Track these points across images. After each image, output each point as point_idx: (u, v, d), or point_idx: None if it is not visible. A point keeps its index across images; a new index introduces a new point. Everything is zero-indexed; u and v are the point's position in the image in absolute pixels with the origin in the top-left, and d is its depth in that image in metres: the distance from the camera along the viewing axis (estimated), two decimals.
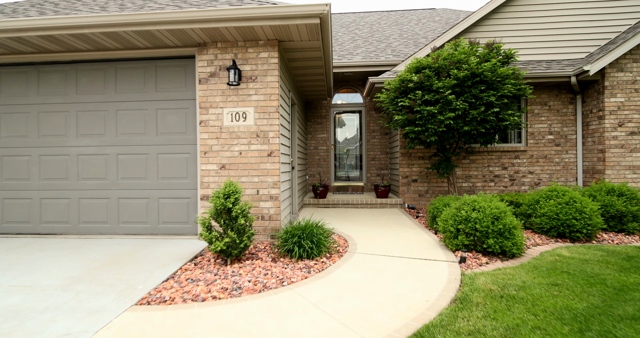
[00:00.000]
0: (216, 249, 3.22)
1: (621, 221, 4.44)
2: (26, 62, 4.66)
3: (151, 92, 4.54)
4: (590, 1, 6.76)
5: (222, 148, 4.22)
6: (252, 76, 4.19)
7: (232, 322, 2.21)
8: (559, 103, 6.78)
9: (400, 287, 2.76)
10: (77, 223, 4.61)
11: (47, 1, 5.49)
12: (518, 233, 3.50)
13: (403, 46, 8.71)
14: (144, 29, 3.84)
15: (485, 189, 6.83)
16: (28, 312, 2.37)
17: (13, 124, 4.70)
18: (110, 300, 2.56)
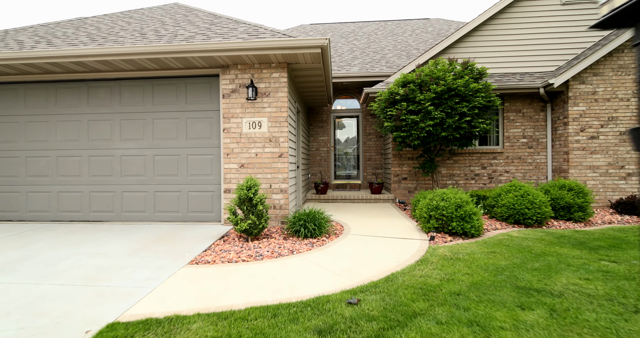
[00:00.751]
0: (241, 228, 4.18)
1: (569, 211, 5.38)
2: (78, 79, 5.64)
3: (182, 104, 5.51)
4: (559, 21, 7.68)
5: (242, 150, 5.19)
6: (265, 92, 5.16)
7: (259, 272, 3.18)
8: (532, 110, 7.71)
9: (380, 255, 3.72)
10: (120, 212, 5.60)
11: (90, 24, 6.50)
12: (476, 218, 4.45)
13: (396, 57, 9.66)
14: (181, 56, 4.81)
15: (466, 187, 7.77)
16: (113, 268, 3.34)
17: (67, 131, 5.69)
18: (169, 262, 3.53)
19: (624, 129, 6.91)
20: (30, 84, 5.73)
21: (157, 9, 7.91)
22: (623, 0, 0.83)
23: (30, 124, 5.72)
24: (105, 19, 7.20)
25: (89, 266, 3.43)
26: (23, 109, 5.74)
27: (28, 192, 5.72)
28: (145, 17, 7.05)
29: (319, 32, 12.82)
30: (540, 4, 7.70)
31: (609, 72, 6.93)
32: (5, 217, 5.74)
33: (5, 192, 5.74)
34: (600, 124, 6.95)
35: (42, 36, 5.99)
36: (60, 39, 5.66)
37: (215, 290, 2.80)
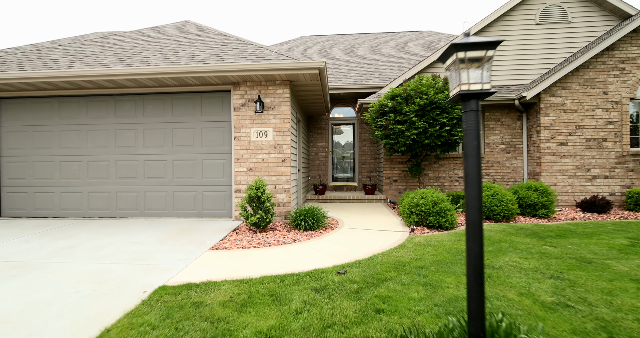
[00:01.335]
0: (251, 222, 4.98)
1: (534, 209, 6.19)
2: (107, 93, 6.46)
3: (198, 115, 6.33)
4: (534, 39, 8.53)
5: (250, 156, 6.00)
6: (271, 106, 5.98)
7: (267, 255, 3.98)
8: (509, 119, 8.54)
9: (367, 243, 4.51)
10: (143, 210, 6.39)
11: (113, 43, 7.33)
12: (450, 213, 5.25)
13: (389, 69, 10.52)
14: (199, 75, 5.63)
15: (451, 188, 8.57)
16: (149, 252, 4.13)
17: (96, 138, 6.50)
18: (194, 248, 4.32)
19: (589, 137, 7.73)
20: (65, 98, 6.54)
21: (171, 28, 8.76)
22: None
23: (64, 133, 6.53)
24: (126, 37, 8.04)
25: (128, 251, 4.22)
26: (58, 119, 6.55)
27: (62, 192, 6.51)
28: (162, 37, 7.89)
29: (318, 44, 13.69)
30: (517, 24, 8.56)
31: (575, 85, 7.77)
32: (42, 214, 6.53)
33: (41, 192, 6.53)
34: (569, 132, 7.77)
35: (74, 55, 6.82)
36: (91, 59, 6.49)
37: (234, 266, 3.60)
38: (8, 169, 6.61)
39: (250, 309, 2.54)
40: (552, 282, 2.98)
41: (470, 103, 1.51)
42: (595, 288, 2.84)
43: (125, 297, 2.85)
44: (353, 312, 2.47)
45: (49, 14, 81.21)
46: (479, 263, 1.55)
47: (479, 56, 1.46)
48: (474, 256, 1.55)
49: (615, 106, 7.68)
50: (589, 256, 3.75)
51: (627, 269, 3.31)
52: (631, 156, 7.62)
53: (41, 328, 2.33)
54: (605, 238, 4.55)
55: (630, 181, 7.62)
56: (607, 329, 2.18)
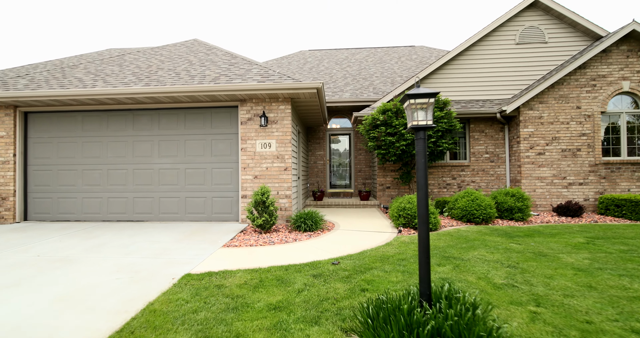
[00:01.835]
0: (257, 223, 5.63)
1: (511, 212, 6.86)
2: (125, 109, 7.16)
3: (208, 128, 7.02)
4: (514, 57, 9.32)
5: (255, 165, 6.68)
6: (274, 120, 6.69)
7: (273, 250, 4.63)
8: (493, 131, 9.28)
9: (359, 242, 5.17)
10: (158, 213, 7.04)
11: (129, 61, 8.06)
12: (434, 216, 5.91)
13: (382, 84, 11.29)
14: (210, 94, 6.35)
15: (440, 194, 9.25)
16: (169, 249, 4.77)
17: (116, 149, 7.18)
18: (207, 246, 4.97)
19: (565, 147, 8.45)
20: (88, 112, 7.24)
21: (181, 47, 9.52)
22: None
23: (87, 144, 7.21)
24: (140, 56, 8.79)
25: (150, 248, 4.87)
26: (81, 131, 7.24)
27: (83, 198, 7.16)
28: (173, 56, 8.64)
29: (317, 58, 14.50)
30: (498, 43, 9.36)
31: (552, 100, 8.52)
32: (65, 218, 7.17)
33: (65, 198, 7.18)
34: (546, 142, 8.49)
35: (95, 74, 7.54)
36: (112, 77, 7.21)
37: (245, 259, 4.25)
38: (35, 177, 7.27)
39: (261, 289, 3.19)
40: (507, 270, 3.65)
41: (419, 133, 2.19)
42: (540, 274, 3.50)
43: (158, 282, 3.49)
44: (343, 290, 3.12)
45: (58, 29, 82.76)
46: (426, 243, 2.21)
47: (424, 101, 2.14)
48: (423, 238, 2.21)
49: (587, 119, 8.42)
50: (545, 251, 4.42)
51: (573, 261, 3.98)
52: (603, 165, 8.32)
53: (98, 302, 2.97)
54: (566, 238, 5.22)
55: (603, 188, 8.32)
56: (537, 300, 2.84)
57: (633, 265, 3.81)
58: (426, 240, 2.20)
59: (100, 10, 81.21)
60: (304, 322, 2.54)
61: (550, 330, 2.35)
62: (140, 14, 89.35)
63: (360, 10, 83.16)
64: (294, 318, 2.60)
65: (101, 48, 51.13)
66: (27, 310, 2.85)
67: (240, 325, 2.52)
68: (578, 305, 2.76)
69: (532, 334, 2.29)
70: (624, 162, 8.27)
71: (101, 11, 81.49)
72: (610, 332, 2.31)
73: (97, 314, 2.77)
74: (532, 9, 9.27)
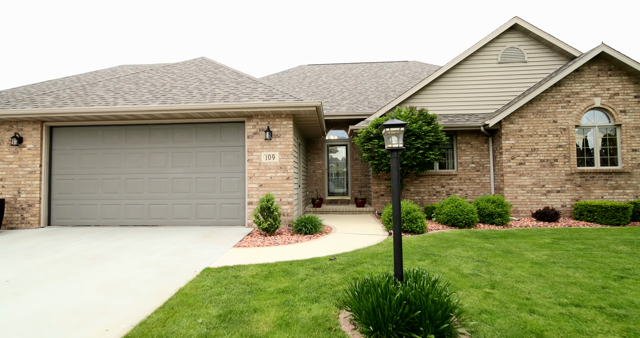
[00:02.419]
0: (263, 227, 6.32)
1: (492, 217, 7.58)
2: (142, 123, 7.90)
3: (217, 141, 7.76)
4: (497, 75, 10.16)
5: (260, 174, 7.40)
6: (277, 134, 7.43)
7: (278, 250, 5.32)
8: (478, 142, 10.05)
9: (353, 242, 5.86)
10: (171, 219, 7.71)
11: (144, 80, 8.84)
12: (420, 220, 6.61)
13: (377, 98, 12.11)
14: (220, 111, 7.10)
15: (430, 201, 9.96)
16: (186, 249, 5.45)
17: (133, 160, 7.89)
18: (219, 246, 5.65)
19: (543, 158, 9.22)
20: (107, 126, 7.98)
21: (190, 65, 10.33)
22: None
23: (106, 155, 7.93)
24: (154, 74, 9.58)
25: (170, 248, 5.54)
26: (101, 144, 7.97)
27: (103, 204, 7.84)
28: (184, 74, 9.44)
29: (315, 73, 15.37)
30: (482, 62, 10.21)
31: (530, 115, 9.33)
32: (85, 223, 7.83)
33: (86, 204, 7.86)
34: (526, 153, 9.27)
35: (115, 91, 8.31)
36: (131, 95, 7.98)
37: (254, 256, 4.94)
38: (58, 186, 7.96)
39: (271, 278, 3.88)
40: (475, 263, 4.35)
41: (393, 153, 2.92)
42: (502, 267, 4.21)
43: (183, 274, 4.18)
44: (338, 279, 3.82)
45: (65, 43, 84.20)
46: (399, 235, 2.91)
47: (396, 130, 2.88)
48: (397, 231, 2.92)
49: (563, 132, 9.21)
50: (513, 249, 5.13)
51: (534, 256, 4.69)
52: (578, 174, 9.09)
53: (137, 289, 3.65)
54: (535, 239, 5.93)
55: (578, 195, 9.06)
56: (493, 285, 3.54)
57: (582, 259, 4.52)
58: (399, 233, 2.91)
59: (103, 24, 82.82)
60: (306, 300, 3.23)
61: (496, 303, 3.05)
62: (143, 28, 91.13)
63: (357, 24, 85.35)
64: (299, 298, 3.28)
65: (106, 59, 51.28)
66: (81, 295, 3.52)
67: (256, 303, 3.20)
68: (524, 288, 3.46)
69: (482, 306, 2.99)
70: (597, 171, 9.04)
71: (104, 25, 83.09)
72: (541, 305, 3.01)
73: (139, 297, 3.45)
74: (513, 32, 10.16)
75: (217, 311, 3.04)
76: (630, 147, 9.02)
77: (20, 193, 7.72)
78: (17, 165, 7.76)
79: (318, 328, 2.68)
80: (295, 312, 2.97)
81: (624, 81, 9.16)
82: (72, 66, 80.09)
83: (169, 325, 2.78)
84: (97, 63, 79.86)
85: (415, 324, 2.42)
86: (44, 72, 77.06)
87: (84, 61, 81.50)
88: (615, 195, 8.99)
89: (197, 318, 2.89)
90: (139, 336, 2.62)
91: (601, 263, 4.36)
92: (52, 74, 76.51)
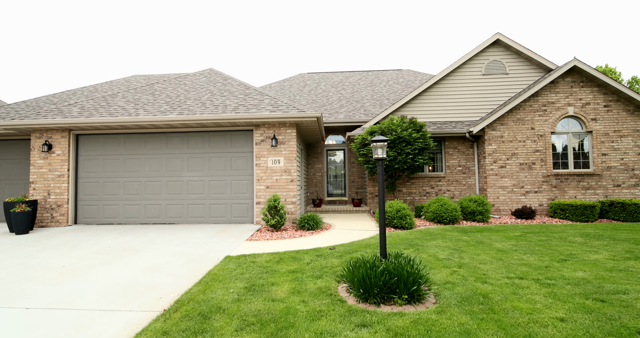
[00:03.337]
0: (270, 224, 7.21)
1: (474, 215, 8.49)
2: (160, 132, 8.78)
3: (228, 147, 8.65)
4: (481, 85, 11.11)
5: (267, 177, 8.29)
6: (282, 141, 8.33)
7: (284, 243, 6.21)
8: (464, 147, 10.99)
9: (350, 236, 6.76)
10: (187, 217, 8.59)
11: (159, 91, 9.73)
12: (409, 217, 7.52)
13: (372, 106, 13.04)
14: (232, 121, 8.00)
15: (420, 201, 10.87)
16: (205, 243, 6.33)
17: (152, 164, 8.76)
18: (234, 240, 6.53)
19: (522, 161, 10.16)
20: (128, 134, 8.85)
21: (200, 76, 11.23)
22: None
23: (127, 160, 8.80)
24: (167, 85, 10.47)
25: (191, 242, 6.42)
26: (123, 150, 8.84)
27: (124, 205, 8.70)
28: (195, 85, 10.33)
29: (315, 81, 16.30)
30: (468, 74, 11.16)
31: (511, 122, 10.27)
32: (109, 221, 8.69)
33: (110, 205, 8.72)
34: (507, 157, 10.20)
35: (134, 102, 9.19)
36: (149, 106, 8.86)
37: (265, 247, 5.83)
38: (84, 188, 8.82)
39: (282, 263, 4.77)
40: (450, 251, 5.26)
41: (379, 162, 3.83)
42: (472, 253, 5.12)
43: (209, 260, 5.06)
44: (337, 263, 4.71)
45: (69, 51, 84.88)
46: (384, 224, 3.81)
47: (381, 144, 3.78)
48: (382, 221, 3.81)
49: (540, 138, 10.16)
50: (485, 241, 6.04)
51: (500, 246, 5.60)
52: (554, 176, 10.03)
53: (174, 271, 4.53)
54: (507, 233, 6.85)
55: (554, 195, 10.00)
56: (460, 266, 4.45)
57: (540, 248, 5.44)
58: (383, 222, 3.81)
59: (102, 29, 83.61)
60: (312, 277, 4.12)
61: (459, 277, 3.96)
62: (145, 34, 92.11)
63: (354, 31, 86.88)
64: (306, 276, 4.18)
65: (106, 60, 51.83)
66: (130, 276, 4.40)
67: (272, 279, 4.09)
68: (484, 267, 4.37)
69: (448, 279, 3.89)
70: (571, 174, 9.99)
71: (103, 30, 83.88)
72: (493, 278, 3.92)
73: (178, 277, 4.33)
74: (495, 46, 11.13)
75: (243, 284, 3.92)
76: (600, 151, 9.98)
77: (50, 194, 8.58)
78: (47, 169, 8.62)
79: (322, 294, 3.57)
80: (304, 285, 3.87)
81: (594, 91, 10.13)
82: (76, 70, 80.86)
83: (208, 294, 3.66)
84: (97, 64, 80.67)
85: (394, 288, 3.32)
86: (45, 73, 77.77)
87: (85, 63, 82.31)
88: (587, 195, 9.94)
89: (228, 289, 3.78)
90: (187, 300, 3.50)
91: (554, 250, 5.28)
92: (56, 78, 77.18)
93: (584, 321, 2.83)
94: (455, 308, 3.13)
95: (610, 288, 3.57)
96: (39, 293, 3.78)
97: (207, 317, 3.07)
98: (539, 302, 3.23)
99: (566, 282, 3.79)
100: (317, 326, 2.83)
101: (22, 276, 4.42)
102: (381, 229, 3.82)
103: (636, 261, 4.61)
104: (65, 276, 4.39)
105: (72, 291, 3.80)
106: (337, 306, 3.23)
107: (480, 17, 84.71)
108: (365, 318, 2.94)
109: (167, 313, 3.17)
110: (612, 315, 2.94)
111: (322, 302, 3.34)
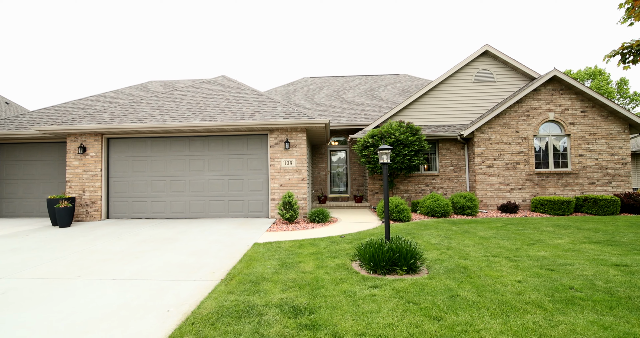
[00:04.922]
0: (285, 217, 8.25)
1: (463, 209, 9.59)
2: (184, 136, 9.76)
3: (245, 150, 9.66)
4: (472, 92, 12.19)
5: (281, 176, 9.32)
6: (294, 145, 9.36)
7: (299, 233, 7.27)
8: (456, 148, 12.08)
9: (357, 227, 7.82)
10: (208, 212, 9.60)
11: (180, 98, 10.70)
12: (406, 211, 8.59)
13: (372, 110, 14.09)
14: (249, 126, 9.01)
15: (416, 197, 11.96)
16: (233, 233, 7.36)
17: (176, 165, 9.75)
18: (256, 231, 7.57)
19: (508, 161, 11.27)
20: (154, 138, 9.83)
21: (214, 84, 12.21)
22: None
23: (154, 161, 9.78)
24: (186, 93, 11.44)
25: (220, 232, 7.44)
26: (149, 152, 9.81)
27: (152, 201, 9.70)
28: (212, 92, 11.31)
29: (317, 85, 17.31)
30: (460, 82, 12.24)
31: (497, 126, 11.37)
32: (137, 216, 9.68)
33: (138, 201, 9.71)
34: (494, 158, 11.31)
35: (159, 109, 10.15)
36: (174, 112, 9.83)
37: (285, 236, 6.87)
38: (115, 186, 9.79)
39: (303, 247, 5.82)
40: (441, 238, 6.34)
41: (384, 166, 4.87)
42: (459, 239, 6.20)
43: (241, 246, 6.09)
44: (348, 247, 5.77)
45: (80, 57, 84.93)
46: (388, 214, 4.86)
47: (386, 151, 4.83)
48: (386, 212, 4.86)
49: (524, 141, 11.28)
50: (471, 230, 7.13)
51: (483, 234, 6.69)
52: (536, 175, 11.16)
53: (215, 254, 5.56)
54: (491, 224, 7.95)
55: (536, 192, 11.14)
56: (448, 248, 5.53)
57: (515, 235, 6.54)
58: (387, 213, 4.87)
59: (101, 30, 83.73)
60: (330, 257, 5.17)
61: (446, 256, 5.03)
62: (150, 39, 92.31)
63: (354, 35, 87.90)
64: (325, 256, 5.23)
65: (106, 61, 52.41)
66: (179, 258, 5.41)
67: (299, 259, 5.14)
68: (467, 249, 5.46)
69: (437, 257, 4.97)
70: (551, 172, 11.12)
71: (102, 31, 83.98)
72: (473, 256, 5.00)
73: (220, 258, 5.36)
74: (484, 56, 12.21)
75: (276, 262, 4.97)
76: (577, 153, 11.12)
77: (84, 192, 9.55)
78: (81, 170, 9.58)
79: (339, 268, 4.63)
80: (325, 262, 4.92)
81: (572, 98, 11.26)
82: (81, 75, 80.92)
83: (250, 269, 4.71)
84: (97, 65, 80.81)
85: (397, 262, 4.39)
86: (47, 76, 77.83)
87: (89, 67, 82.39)
88: (565, 192, 11.09)
89: (266, 266, 4.82)
90: (236, 273, 4.53)
91: (526, 237, 6.38)
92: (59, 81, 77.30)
93: (534, 281, 3.92)
94: (442, 276, 4.21)
95: (561, 262, 4.67)
96: (114, 270, 4.79)
97: (257, 283, 4.11)
98: (505, 272, 4.32)
99: (529, 259, 4.89)
100: (341, 287, 3.88)
101: (91, 259, 5.42)
102: (386, 217, 4.89)
103: (589, 244, 5.73)
104: (127, 258, 5.40)
105: (140, 269, 4.81)
106: (353, 275, 4.29)
107: (473, 24, 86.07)
108: (375, 283, 4.00)
109: (225, 281, 4.21)
110: (555, 278, 4.04)
111: (341, 273, 4.40)
